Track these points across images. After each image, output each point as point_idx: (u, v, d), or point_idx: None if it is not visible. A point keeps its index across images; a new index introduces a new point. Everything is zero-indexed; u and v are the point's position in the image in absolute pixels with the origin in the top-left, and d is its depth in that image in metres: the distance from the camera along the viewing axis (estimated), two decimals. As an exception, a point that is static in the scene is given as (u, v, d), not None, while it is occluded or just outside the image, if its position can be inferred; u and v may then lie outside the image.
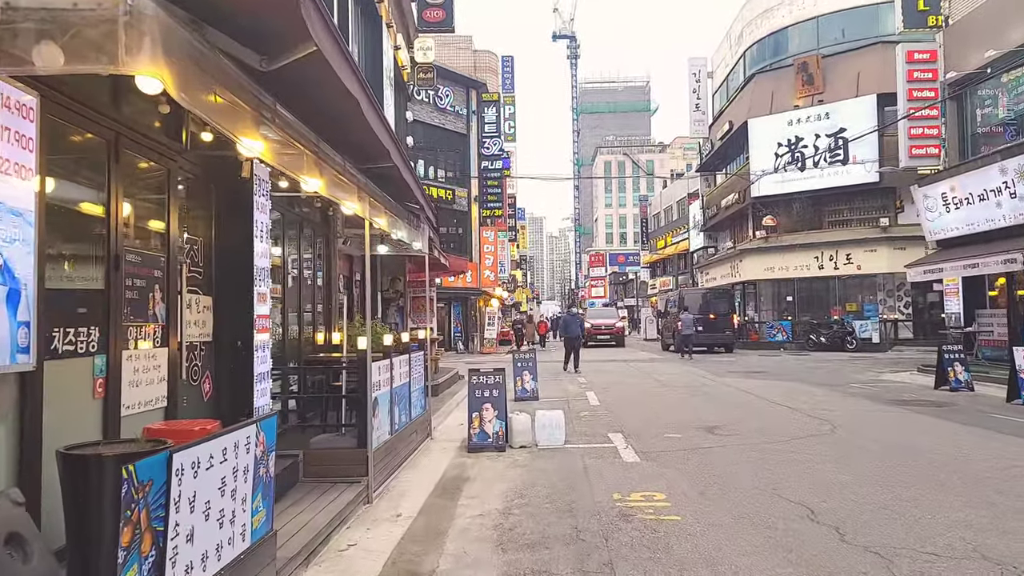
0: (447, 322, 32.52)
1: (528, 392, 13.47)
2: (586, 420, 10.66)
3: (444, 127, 31.44)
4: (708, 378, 16.96)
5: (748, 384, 15.38)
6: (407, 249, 9.44)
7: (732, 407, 11.76)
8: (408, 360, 8.25)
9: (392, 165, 5.88)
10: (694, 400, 12.85)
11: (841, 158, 28.45)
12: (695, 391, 14.27)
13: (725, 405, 12.06)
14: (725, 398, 13.12)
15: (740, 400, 12.76)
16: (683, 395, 13.70)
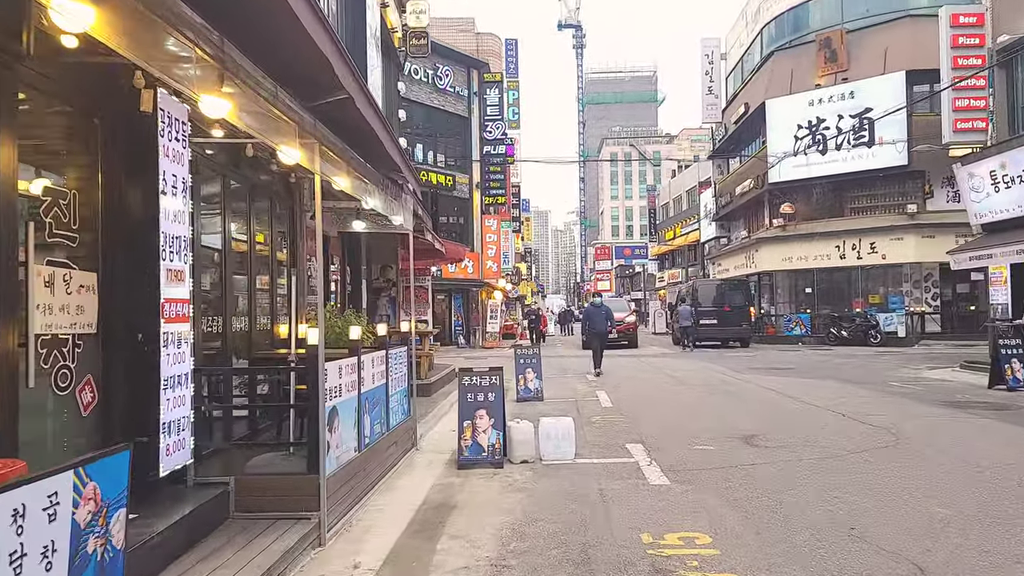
0: (447, 315, 31.03)
1: (532, 392, 11.98)
2: (599, 426, 9.15)
3: (444, 109, 29.87)
4: (729, 375, 15.42)
5: (775, 382, 13.84)
6: (386, 225, 7.94)
7: (765, 410, 10.24)
8: (385, 358, 6.76)
9: (346, 96, 4.37)
10: (718, 401, 11.34)
11: (866, 140, 26.80)
12: (716, 390, 12.75)
13: (756, 407, 10.54)
14: (753, 399, 11.60)
15: (771, 401, 11.23)
16: (704, 395, 12.18)
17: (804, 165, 28.58)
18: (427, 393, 11.95)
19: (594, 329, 16.04)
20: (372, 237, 15.23)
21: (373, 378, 6.32)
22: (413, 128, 28.52)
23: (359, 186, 5.89)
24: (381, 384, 6.62)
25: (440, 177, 29.19)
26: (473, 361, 22.03)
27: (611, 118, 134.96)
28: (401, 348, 7.57)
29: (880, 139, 26.42)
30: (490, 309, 31.39)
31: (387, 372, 6.81)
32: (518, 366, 12.18)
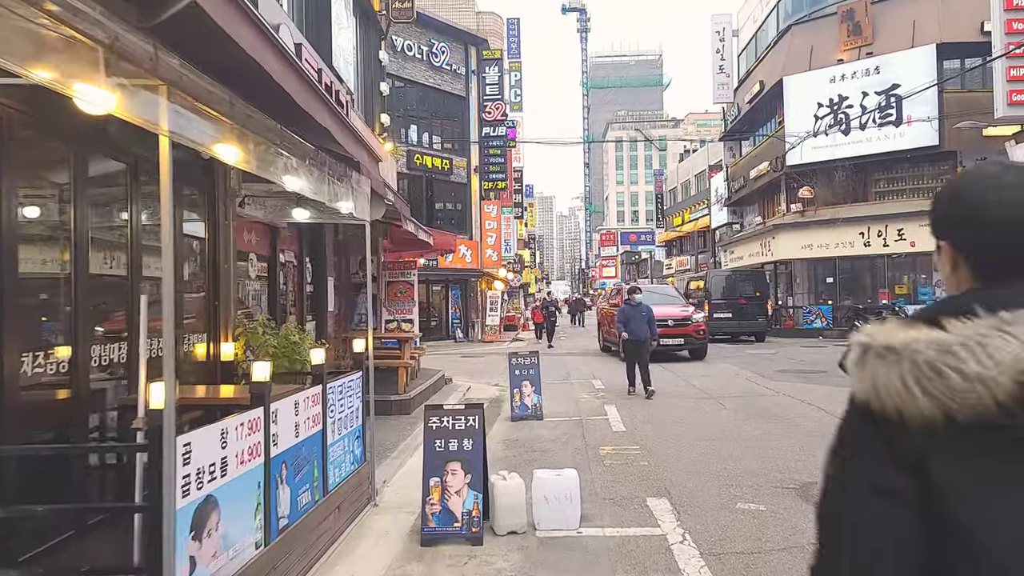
0: (444, 307, 29.26)
1: (528, 409, 10.20)
2: (610, 465, 7.36)
3: (440, 88, 27.94)
4: (758, 383, 13.59)
5: (814, 393, 11.97)
6: (334, 215, 6.13)
7: (816, 442, 8.39)
8: (321, 397, 4.97)
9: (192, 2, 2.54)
10: (755, 426, 9.49)
11: (893, 119, 24.82)
12: (750, 409, 10.86)
13: (804, 437, 8.68)
14: (797, 421, 9.75)
15: (820, 425, 9.38)
16: (737, 414, 10.33)
17: (825, 146, 26.63)
18: (406, 410, 10.20)
19: (630, 336, 12.10)
20: (349, 227, 13.46)
21: (299, 428, 4.54)
22: (406, 108, 26.67)
23: (267, 159, 4.07)
24: (314, 432, 4.84)
25: (436, 160, 27.33)
26: (469, 360, 20.27)
27: (616, 102, 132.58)
28: (350, 377, 5.78)
29: (908, 118, 24.43)
30: (490, 300, 29.61)
31: (324, 415, 5.03)
32: (513, 378, 10.41)
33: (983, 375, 0.94)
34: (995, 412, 0.94)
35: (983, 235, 1.07)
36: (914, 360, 0.98)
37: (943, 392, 0.95)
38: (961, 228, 1.11)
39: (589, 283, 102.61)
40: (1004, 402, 0.93)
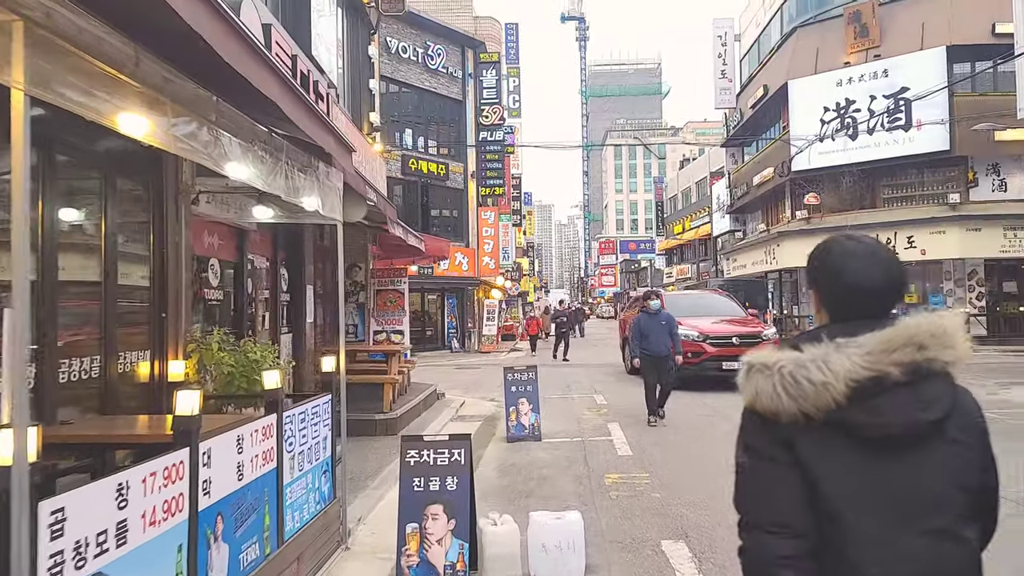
0: (439, 317, 28.43)
1: (526, 429, 9.37)
2: (617, 499, 6.52)
3: (436, 91, 27.20)
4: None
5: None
6: (301, 214, 5.32)
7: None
8: (276, 430, 4.16)
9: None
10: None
11: (902, 123, 24.09)
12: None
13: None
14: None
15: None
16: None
17: (831, 151, 25.92)
18: (392, 430, 9.36)
19: (648, 351, 10.05)
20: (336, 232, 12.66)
21: (242, 469, 3.72)
22: (401, 111, 25.94)
23: (197, 137, 3.27)
24: (266, 472, 4.02)
25: (432, 165, 26.57)
26: (465, 372, 19.43)
27: (615, 111, 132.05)
28: (315, 401, 4.96)
29: (918, 122, 23.71)
30: (487, 309, 28.80)
31: (280, 449, 4.21)
32: (509, 395, 9.59)
33: (825, 381, 1.44)
34: (834, 408, 1.44)
35: (837, 291, 1.61)
36: (780, 372, 1.48)
37: (799, 394, 1.45)
38: (825, 284, 1.64)
39: (588, 292, 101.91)
40: (839, 400, 1.43)
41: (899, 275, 1.59)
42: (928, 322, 1.48)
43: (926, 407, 1.44)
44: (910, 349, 1.44)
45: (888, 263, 1.59)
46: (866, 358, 1.43)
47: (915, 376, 1.44)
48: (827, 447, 1.45)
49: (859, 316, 1.54)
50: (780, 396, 1.45)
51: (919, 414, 1.43)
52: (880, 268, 1.57)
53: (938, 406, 1.45)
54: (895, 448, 1.44)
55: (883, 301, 1.57)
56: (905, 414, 1.43)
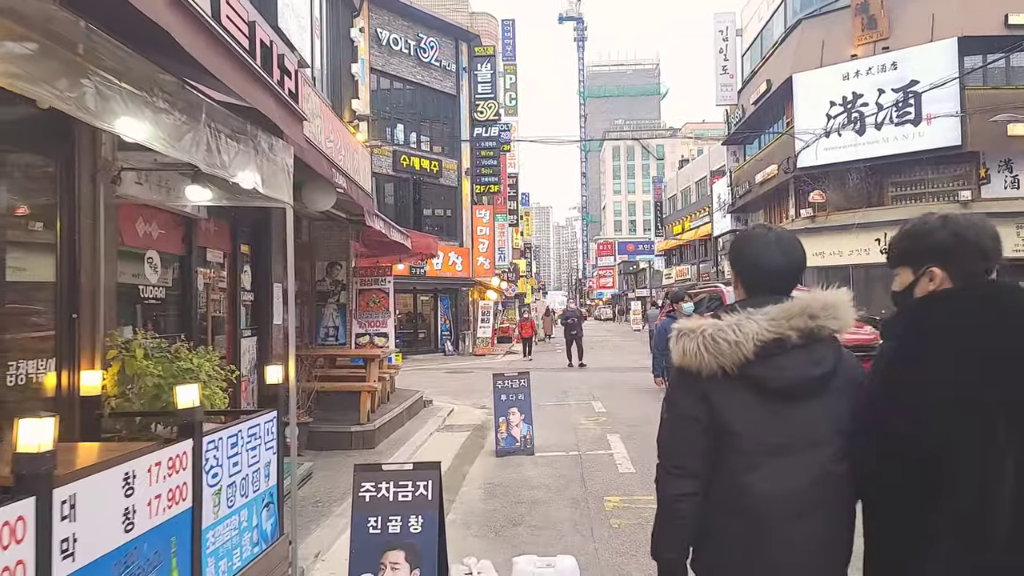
0: (432, 319, 27.54)
1: (517, 442, 8.51)
2: (620, 530, 5.64)
3: (429, 86, 26.32)
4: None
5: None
6: (243, 195, 4.43)
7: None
8: (191, 460, 3.28)
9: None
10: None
11: (912, 117, 23.25)
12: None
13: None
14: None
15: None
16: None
17: (837, 147, 25.07)
18: (369, 444, 8.49)
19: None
20: (315, 227, 11.79)
21: (133, 515, 2.84)
22: (393, 105, 25.07)
23: (52, 71, 2.39)
24: (175, 515, 3.14)
25: (424, 162, 25.70)
26: (456, 376, 18.55)
27: (613, 111, 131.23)
28: (254, 421, 4.09)
29: (928, 116, 22.88)
30: (482, 311, 27.91)
31: (198, 484, 3.32)
32: (499, 404, 8.72)
33: (738, 341, 1.81)
34: (744, 364, 1.82)
35: (750, 272, 2.04)
36: (703, 335, 1.86)
37: (717, 352, 1.83)
38: (741, 267, 2.07)
39: (586, 294, 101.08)
40: (748, 357, 1.81)
41: (799, 259, 2.02)
42: (819, 297, 1.91)
43: (816, 364, 1.86)
44: (804, 317, 1.86)
45: (790, 250, 2.01)
46: (770, 323, 1.85)
47: (809, 340, 1.86)
48: (737, 395, 1.86)
49: (767, 292, 1.96)
50: (702, 353, 1.85)
51: (811, 370, 1.85)
52: (783, 254, 1.99)
53: (825, 363, 1.87)
54: (790, 397, 1.86)
55: (786, 280, 2.00)
56: (800, 370, 1.85)
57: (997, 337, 1.66)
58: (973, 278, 1.79)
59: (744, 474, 1.83)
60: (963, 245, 1.80)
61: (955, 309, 1.77)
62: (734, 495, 1.84)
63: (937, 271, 1.83)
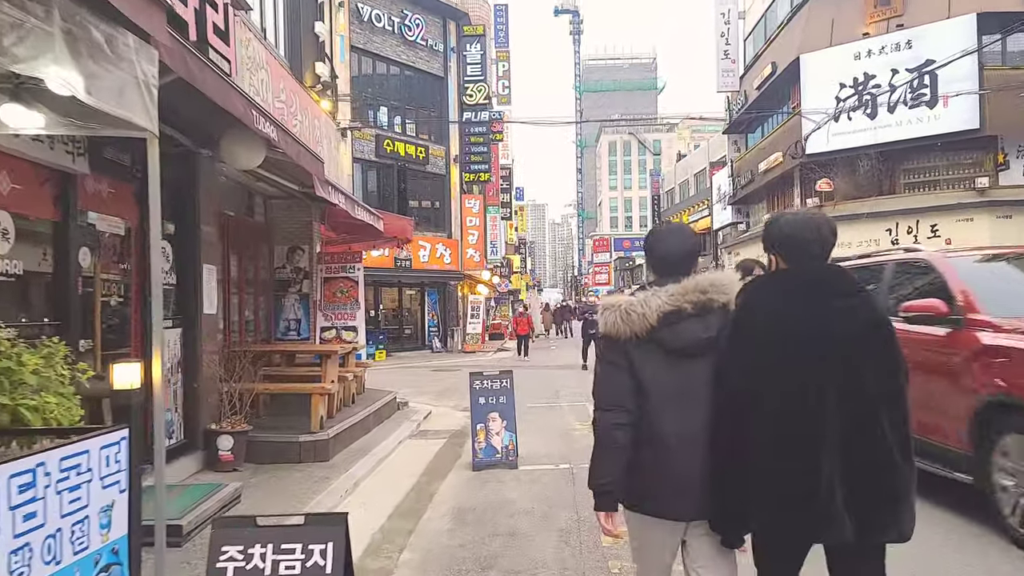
0: (420, 314, 26.14)
1: (497, 453, 7.15)
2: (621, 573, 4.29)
3: (415, 66, 24.89)
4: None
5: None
6: (95, 121, 3.03)
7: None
8: None
9: None
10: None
11: (927, 99, 21.90)
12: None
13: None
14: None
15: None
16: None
17: (847, 132, 23.70)
18: (322, 456, 7.11)
19: None
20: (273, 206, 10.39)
21: None
22: (375, 87, 23.66)
23: None
24: None
25: (409, 148, 24.28)
26: (441, 374, 17.16)
27: (610, 106, 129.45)
28: (84, 446, 2.71)
29: (945, 98, 21.54)
30: (471, 306, 26.53)
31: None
32: (476, 408, 7.35)
33: (644, 313, 2.34)
34: (651, 331, 2.34)
35: (655, 259, 2.58)
36: (619, 309, 2.39)
37: (629, 322, 2.36)
38: (650, 256, 2.62)
39: (582, 290, 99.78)
40: (653, 324, 2.33)
41: (691, 246, 2.60)
42: (709, 276, 2.44)
43: (706, 329, 2.36)
44: (696, 293, 2.38)
45: (683, 240, 2.60)
46: (669, 298, 2.37)
47: (702, 310, 2.37)
48: (647, 355, 2.37)
49: (670, 274, 2.49)
50: (619, 323, 2.39)
51: (702, 334, 2.36)
52: (680, 244, 2.57)
53: (713, 329, 2.37)
54: (686, 355, 2.37)
55: (683, 264, 2.53)
56: (693, 334, 2.36)
57: (792, 303, 2.32)
58: (799, 262, 2.41)
59: (653, 414, 2.36)
60: (789, 237, 2.43)
61: (768, 285, 2.50)
62: (647, 431, 2.36)
63: (775, 257, 2.51)
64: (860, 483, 2.15)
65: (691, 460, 2.30)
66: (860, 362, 2.21)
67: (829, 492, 2.14)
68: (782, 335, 2.24)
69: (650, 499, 2.37)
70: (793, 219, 2.45)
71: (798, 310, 2.27)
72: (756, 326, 2.29)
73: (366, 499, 6.17)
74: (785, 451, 2.19)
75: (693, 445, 2.31)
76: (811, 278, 2.35)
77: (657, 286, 2.42)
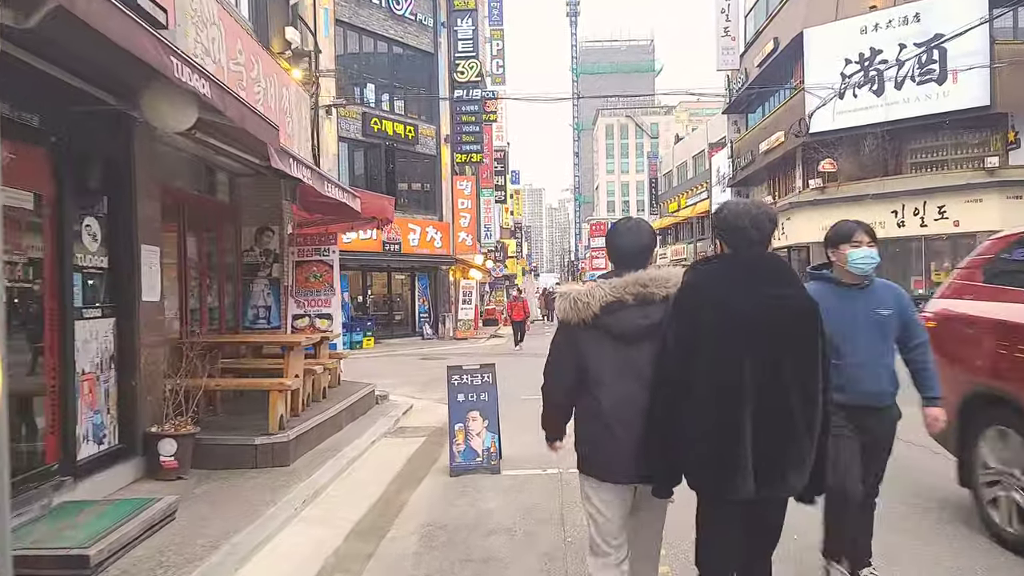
0: (410, 300, 25.35)
1: (478, 457, 6.40)
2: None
3: (403, 41, 23.92)
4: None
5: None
6: None
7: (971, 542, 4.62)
8: None
9: None
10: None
11: (935, 75, 21.09)
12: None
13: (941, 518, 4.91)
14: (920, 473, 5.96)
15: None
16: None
17: (852, 111, 22.92)
18: (281, 460, 6.33)
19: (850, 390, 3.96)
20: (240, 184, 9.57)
21: None
22: (362, 63, 22.73)
23: None
24: None
25: (398, 127, 23.36)
26: (429, 363, 16.40)
27: (607, 89, 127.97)
28: None
29: (954, 73, 20.70)
30: (463, 291, 25.74)
31: None
32: (454, 407, 6.58)
33: (588, 303, 2.62)
34: (595, 318, 2.62)
35: (612, 252, 2.83)
36: (570, 298, 2.67)
37: (576, 309, 2.64)
38: (608, 250, 2.86)
39: (579, 276, 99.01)
40: (597, 312, 2.61)
41: (644, 242, 2.82)
42: (651, 272, 2.69)
43: (645, 318, 2.62)
44: (636, 286, 2.64)
45: (641, 237, 2.81)
46: (612, 290, 2.64)
47: (642, 301, 2.63)
48: (593, 339, 2.66)
49: (624, 266, 2.74)
50: (568, 310, 2.68)
51: (640, 321, 2.62)
52: (635, 241, 2.80)
53: (653, 317, 2.62)
54: (625, 340, 2.64)
55: (636, 258, 2.76)
56: (632, 321, 2.63)
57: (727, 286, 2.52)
58: (738, 249, 2.60)
59: (596, 392, 2.69)
60: (730, 225, 2.59)
61: (709, 268, 2.70)
62: (591, 407, 2.72)
63: (719, 242, 2.72)
64: (767, 453, 2.46)
65: (629, 432, 2.63)
66: (781, 347, 2.46)
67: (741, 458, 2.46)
68: (715, 315, 2.47)
69: (596, 465, 2.76)
70: (735, 208, 2.62)
71: (732, 293, 2.48)
72: (693, 304, 2.53)
73: (326, 511, 5.41)
74: (707, 421, 2.50)
75: (631, 418, 2.62)
76: (748, 264, 2.56)
77: (613, 277, 2.72)
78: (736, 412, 2.44)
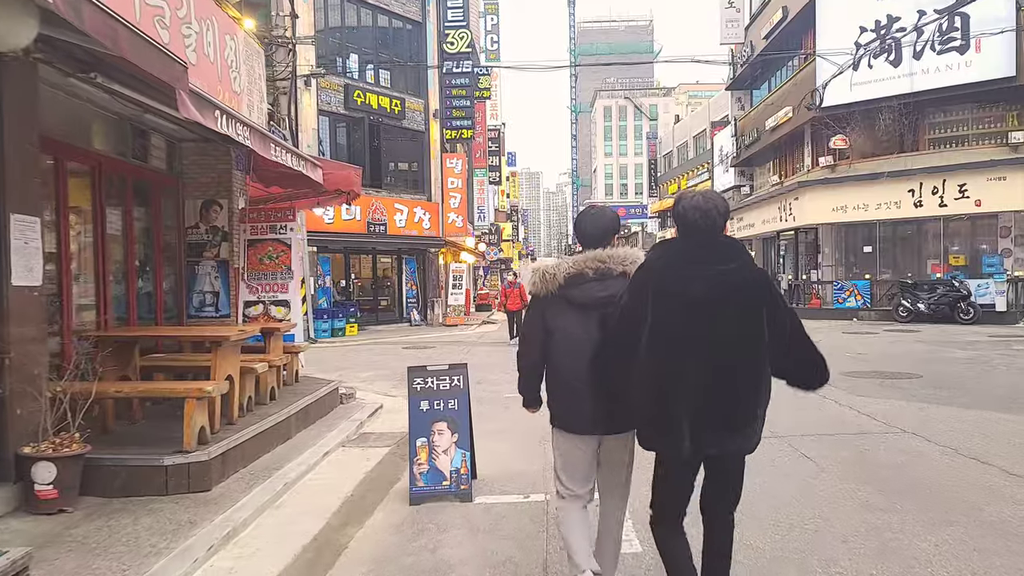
0: (398, 284, 24.04)
1: (445, 480, 5.14)
2: None
3: (389, 9, 22.43)
4: (841, 401, 8.56)
5: (944, 422, 6.99)
6: None
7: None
8: None
9: None
10: (903, 512, 4.46)
11: (958, 43, 19.69)
12: (863, 461, 5.91)
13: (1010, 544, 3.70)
14: (967, 493, 4.73)
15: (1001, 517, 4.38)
16: (848, 483, 5.31)
17: (867, 83, 21.57)
18: (200, 483, 5.07)
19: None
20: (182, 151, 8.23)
21: None
22: (344, 32, 21.28)
23: None
24: None
25: (383, 100, 21.93)
26: (412, 352, 15.12)
27: (605, 70, 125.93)
28: None
29: (977, 41, 19.32)
30: (453, 275, 24.43)
31: None
32: (416, 418, 5.30)
33: (554, 275, 3.07)
34: (560, 288, 3.07)
35: (579, 233, 3.25)
36: (539, 272, 3.12)
37: (544, 282, 3.09)
38: (575, 231, 3.29)
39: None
40: (561, 284, 3.07)
41: (608, 225, 3.23)
42: (610, 251, 3.10)
43: (604, 289, 3.00)
44: (595, 261, 3.05)
45: (602, 219, 3.23)
46: (573, 264, 3.05)
47: (602, 276, 3.03)
48: (558, 308, 3.06)
49: (591, 245, 3.15)
50: (538, 283, 3.09)
51: (598, 293, 3.00)
52: (597, 223, 3.21)
53: (611, 289, 2.98)
54: (585, 308, 3.01)
55: (601, 239, 3.17)
56: (591, 292, 3.02)
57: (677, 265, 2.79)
58: (687, 235, 2.82)
59: (557, 355, 3.11)
60: (681, 215, 2.82)
61: (663, 248, 2.96)
62: (553, 368, 3.14)
63: (674, 229, 2.94)
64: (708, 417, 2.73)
65: (584, 388, 3.04)
66: (724, 316, 2.71)
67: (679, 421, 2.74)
68: (665, 290, 2.75)
69: (560, 418, 3.19)
70: (689, 201, 2.83)
71: (680, 271, 2.76)
72: (643, 278, 2.85)
73: (238, 561, 4.14)
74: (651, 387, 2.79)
75: (587, 377, 3.03)
76: (696, 247, 2.80)
77: (576, 255, 3.15)
78: (676, 378, 2.73)
